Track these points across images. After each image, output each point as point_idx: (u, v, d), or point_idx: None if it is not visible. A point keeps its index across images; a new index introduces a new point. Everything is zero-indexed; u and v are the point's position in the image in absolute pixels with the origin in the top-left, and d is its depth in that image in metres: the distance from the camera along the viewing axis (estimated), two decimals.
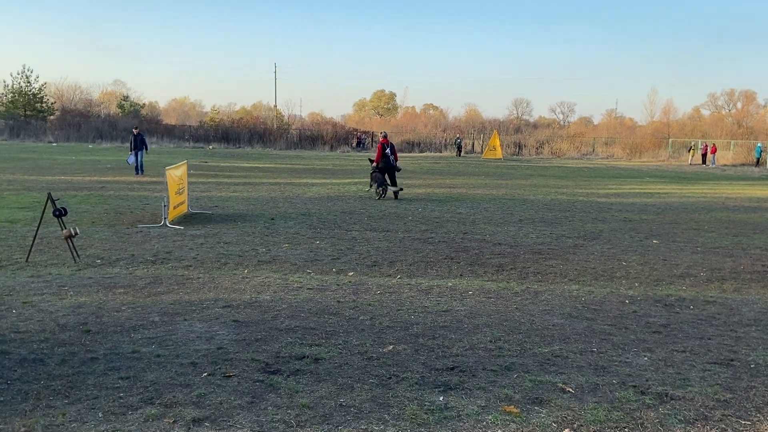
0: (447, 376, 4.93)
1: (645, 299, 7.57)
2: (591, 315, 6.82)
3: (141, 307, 6.61)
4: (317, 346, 5.56)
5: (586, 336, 6.08)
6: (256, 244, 10.43)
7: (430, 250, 10.27)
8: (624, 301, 7.47)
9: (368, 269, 8.81)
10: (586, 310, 7.00)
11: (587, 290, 7.94)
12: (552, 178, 28.47)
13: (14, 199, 15.31)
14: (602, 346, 5.80)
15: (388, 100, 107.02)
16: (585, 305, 7.22)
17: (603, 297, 7.62)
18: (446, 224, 13.15)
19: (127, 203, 15.11)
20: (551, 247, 10.81)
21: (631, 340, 6.01)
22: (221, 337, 5.76)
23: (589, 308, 7.09)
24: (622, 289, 8.03)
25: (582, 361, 5.38)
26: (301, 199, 17.24)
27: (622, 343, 5.91)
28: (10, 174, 22.14)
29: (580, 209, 16.49)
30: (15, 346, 5.33)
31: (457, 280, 8.28)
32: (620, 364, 5.31)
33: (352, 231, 11.96)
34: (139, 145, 23.91)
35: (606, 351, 5.66)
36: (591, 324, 6.49)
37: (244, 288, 7.57)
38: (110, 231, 11.21)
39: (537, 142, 59.67)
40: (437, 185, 22.98)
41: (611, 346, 5.81)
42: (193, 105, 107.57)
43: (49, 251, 9.33)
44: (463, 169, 33.48)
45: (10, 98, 62.09)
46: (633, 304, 7.31)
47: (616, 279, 8.62)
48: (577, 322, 6.56)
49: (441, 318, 6.53)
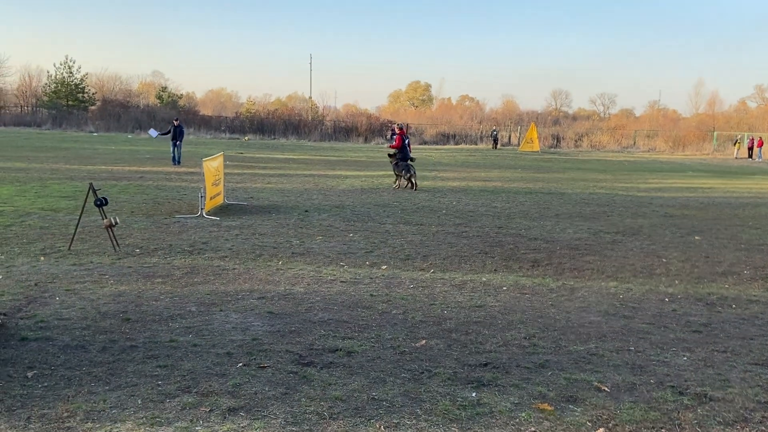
0: (480, 373, 4.91)
1: (685, 297, 7.42)
2: (629, 313, 6.72)
3: (178, 297, 6.72)
4: (350, 339, 5.59)
5: (624, 334, 6.00)
6: (290, 236, 10.51)
7: (464, 245, 10.22)
8: (663, 299, 7.34)
9: (401, 263, 8.81)
10: (624, 308, 6.90)
11: (625, 287, 7.81)
12: (591, 172, 28.07)
13: (57, 188, 15.68)
14: (640, 344, 5.71)
15: (423, 91, 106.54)
16: (623, 303, 7.11)
17: (642, 294, 7.50)
18: (481, 218, 13.07)
19: (164, 194, 15.36)
20: (588, 243, 10.67)
21: (670, 339, 5.90)
22: (256, 328, 5.82)
23: (627, 306, 6.99)
24: (662, 287, 7.88)
25: (618, 359, 5.30)
26: (334, 191, 17.31)
27: (661, 342, 5.81)
28: (53, 163, 22.68)
29: (619, 204, 16.23)
30: (58, 333, 5.47)
31: (492, 275, 8.23)
32: (658, 364, 5.23)
33: (386, 224, 11.97)
34: (178, 135, 24.22)
35: (644, 350, 5.57)
36: (629, 322, 6.39)
37: (279, 280, 7.64)
38: (149, 221, 11.41)
39: (576, 135, 58.85)
40: (472, 178, 22.84)
41: (649, 345, 5.72)
42: (229, 96, 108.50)
43: (90, 240, 9.54)
44: (499, 162, 33.22)
45: (53, 88, 63.52)
46: (673, 303, 7.18)
47: (655, 276, 8.47)
48: (614, 319, 6.47)
49: (474, 313, 6.50)
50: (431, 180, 21.45)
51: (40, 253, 8.58)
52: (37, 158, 24.62)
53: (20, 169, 19.85)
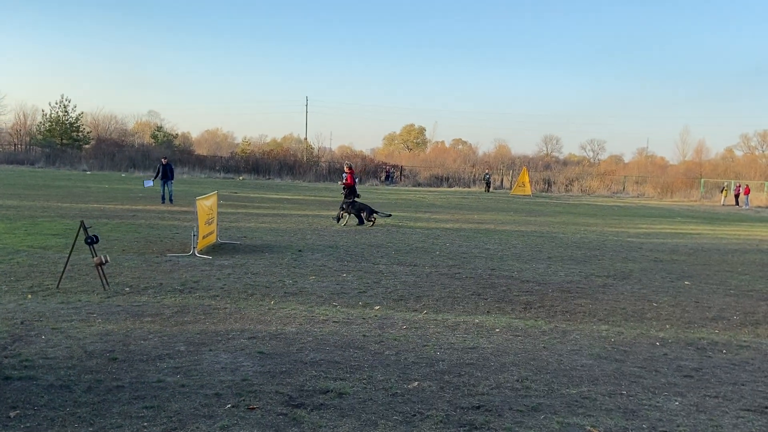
0: (472, 415, 4.85)
1: (676, 342, 7.40)
2: (620, 356, 6.68)
3: (167, 336, 6.65)
4: (342, 381, 5.52)
5: (616, 378, 5.95)
6: (282, 275, 10.46)
7: (457, 286, 10.20)
8: (655, 343, 7.31)
9: (394, 303, 8.77)
10: (616, 352, 6.86)
11: (617, 331, 7.79)
12: (581, 216, 28.22)
13: (48, 225, 15.62)
14: (632, 388, 5.67)
15: (417, 134, 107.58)
16: (614, 346, 7.08)
17: (633, 338, 7.47)
18: (474, 260, 13.06)
19: (157, 232, 15.31)
20: (580, 286, 10.66)
21: (661, 383, 5.86)
22: (246, 368, 5.75)
23: (618, 349, 6.95)
24: (653, 331, 7.86)
25: (611, 403, 5.26)
26: (328, 231, 17.30)
27: (653, 386, 5.76)
28: (45, 201, 22.63)
29: (610, 248, 16.28)
30: (43, 372, 5.39)
31: (484, 317, 8.19)
32: (650, 408, 5.18)
33: (379, 264, 11.94)
34: (168, 174, 24.31)
35: (636, 394, 5.52)
36: (620, 366, 6.35)
37: (270, 319, 7.58)
38: (140, 259, 11.35)
39: (566, 179, 59.42)
40: (465, 220, 22.91)
41: (641, 389, 5.67)
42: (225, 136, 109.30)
43: (79, 278, 9.46)
44: (491, 205, 33.38)
45: (48, 127, 63.86)
46: (664, 347, 7.15)
47: (646, 320, 8.46)
48: (606, 363, 6.43)
49: (467, 355, 6.45)
50: (425, 221, 21.50)
51: (27, 291, 8.50)
52: (28, 196, 24.58)
53: (11, 207, 19.78)
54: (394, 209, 26.54)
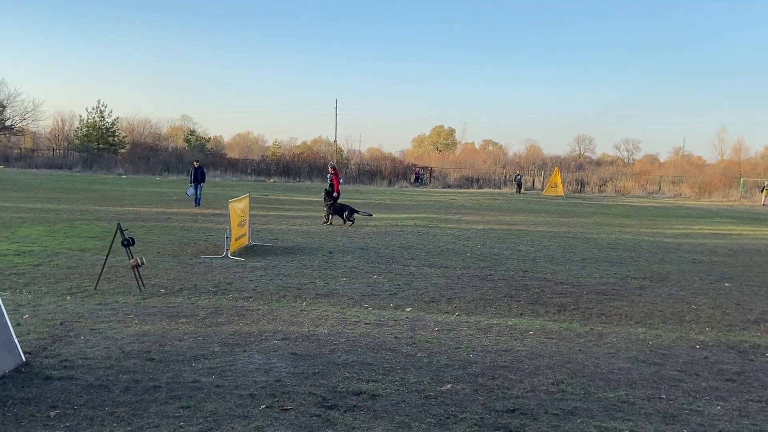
0: (507, 419, 4.79)
1: (717, 345, 7.23)
2: (659, 360, 6.55)
3: (202, 337, 6.71)
4: (374, 382, 5.51)
5: (654, 382, 5.84)
6: (314, 277, 10.49)
7: (489, 288, 10.12)
8: (694, 346, 7.15)
9: (426, 305, 8.73)
10: (654, 355, 6.73)
11: (654, 334, 7.64)
12: (616, 217, 27.82)
13: (85, 228, 15.91)
14: (671, 392, 5.55)
15: (447, 135, 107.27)
16: (652, 349, 6.94)
17: (672, 341, 7.32)
18: (506, 261, 12.96)
19: (190, 234, 15.49)
20: (616, 288, 10.50)
21: (702, 387, 5.73)
22: (279, 369, 5.77)
23: (656, 353, 6.82)
24: (692, 334, 7.70)
25: (650, 408, 5.15)
26: (358, 233, 17.32)
27: (693, 390, 5.64)
28: (83, 204, 23.07)
29: (646, 249, 16.01)
30: (82, 372, 5.47)
31: (517, 320, 8.11)
32: (691, 413, 5.06)
33: (410, 266, 11.91)
34: (199, 177, 24.60)
35: (676, 398, 5.41)
36: (659, 369, 6.23)
37: (302, 321, 7.60)
38: (174, 261, 11.49)
39: (600, 180, 58.59)
40: (496, 222, 22.75)
41: (681, 393, 5.55)
42: (255, 139, 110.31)
43: (116, 280, 9.61)
44: (523, 206, 33.10)
45: (85, 132, 65.15)
46: (704, 350, 6.99)
47: (685, 323, 8.29)
48: (644, 366, 6.31)
49: (501, 358, 6.39)
50: (455, 223, 21.40)
51: (66, 293, 8.66)
52: (66, 200, 25.09)
53: (50, 210, 20.22)
54: (424, 211, 26.51)
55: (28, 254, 11.57)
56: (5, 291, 8.52)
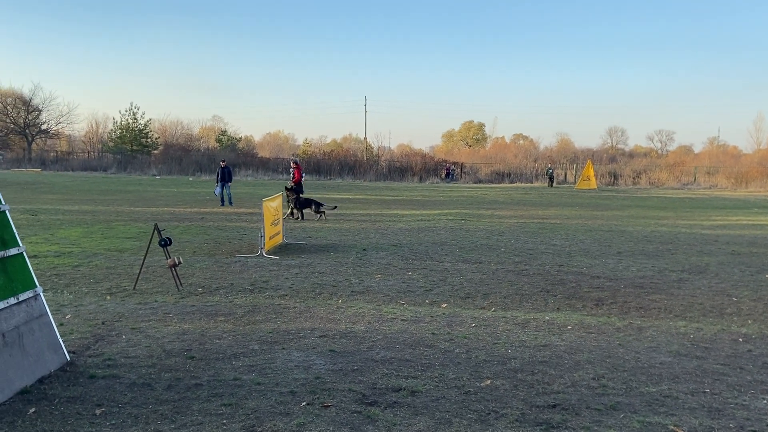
0: (549, 414, 4.75)
1: (761, 337, 7.08)
2: (701, 353, 6.44)
3: (241, 335, 6.78)
4: (413, 379, 5.51)
5: (697, 375, 5.74)
6: (349, 274, 10.52)
7: (525, 283, 10.04)
8: (737, 339, 7.01)
9: (461, 301, 8.70)
10: (696, 348, 6.61)
11: (695, 327, 7.50)
12: (651, 209, 27.39)
13: (122, 229, 16.19)
14: (715, 386, 5.45)
15: (476, 130, 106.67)
16: (694, 343, 6.82)
17: (713, 334, 7.19)
18: (540, 256, 12.84)
19: (225, 234, 15.66)
20: (654, 281, 10.33)
21: (747, 381, 5.61)
22: (318, 366, 5.80)
23: (698, 346, 6.70)
24: (734, 327, 7.54)
25: (694, 402, 5.06)
26: (391, 230, 17.33)
27: (738, 384, 5.53)
28: (118, 205, 23.47)
29: (683, 241, 15.73)
30: (125, 371, 5.57)
31: (555, 314, 8.03)
32: (736, 407, 4.96)
33: (444, 262, 11.88)
34: (226, 177, 24.79)
35: (720, 392, 5.31)
36: (702, 363, 6.12)
37: (339, 318, 7.63)
38: (210, 260, 11.63)
39: (633, 172, 57.67)
40: (529, 216, 22.56)
41: (725, 387, 5.45)
42: (286, 138, 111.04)
43: (154, 279, 9.76)
44: (555, 200, 32.78)
45: (119, 134, 66.32)
46: (747, 343, 6.85)
47: (726, 315, 8.12)
48: (686, 360, 6.21)
49: (539, 353, 6.33)
50: (488, 218, 21.28)
51: (106, 293, 8.82)
52: (103, 201, 25.55)
53: (87, 212, 20.62)
54: (456, 206, 26.42)
55: (67, 255, 11.81)
56: (47, 292, 8.71)
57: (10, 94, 71.43)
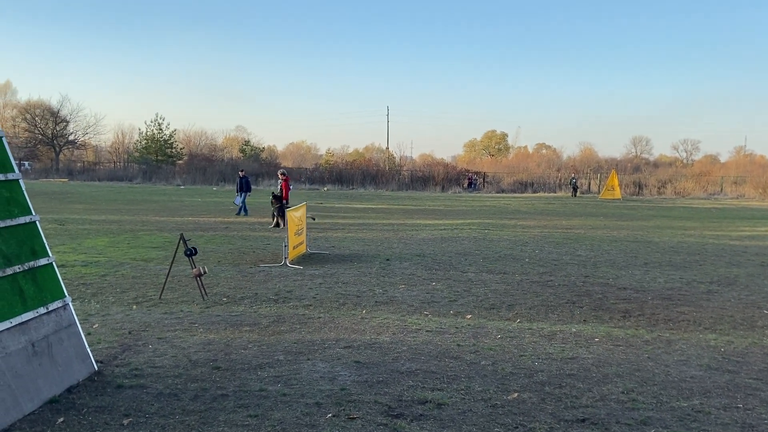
0: (577, 429, 4.68)
1: None
2: (733, 367, 6.31)
3: (266, 346, 6.79)
4: (439, 391, 5.46)
5: (729, 390, 5.62)
6: (372, 284, 10.51)
7: (550, 294, 9.95)
8: None
9: (486, 312, 8.63)
10: (727, 362, 6.48)
11: (726, 340, 7.37)
12: (677, 219, 27.04)
13: (148, 238, 16.35)
14: (749, 402, 5.33)
15: (499, 140, 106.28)
16: (725, 356, 6.69)
17: (745, 348, 7.05)
18: (565, 267, 12.72)
19: (249, 243, 15.74)
20: (682, 293, 10.18)
21: None
22: (344, 377, 5.78)
23: (730, 360, 6.57)
24: (766, 340, 7.39)
25: (727, 417, 4.96)
26: (414, 239, 17.29)
27: None
28: (144, 215, 23.72)
29: (711, 252, 15.48)
30: (152, 381, 5.60)
31: (581, 326, 7.94)
32: None
33: (468, 272, 11.81)
34: (244, 187, 24.97)
35: (753, 407, 5.19)
36: (734, 377, 5.99)
37: (364, 329, 7.61)
38: (235, 270, 11.69)
39: (659, 182, 56.99)
40: (553, 226, 22.38)
41: (759, 402, 5.33)
42: (308, 148, 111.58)
43: (179, 289, 9.83)
44: (579, 210, 32.50)
45: (144, 144, 67.19)
46: None
47: (758, 328, 7.96)
48: (717, 374, 6.09)
49: (567, 366, 6.25)
50: (511, 228, 21.15)
51: (132, 302, 8.90)
52: (128, 211, 25.85)
53: (113, 222, 20.86)
54: (479, 216, 26.31)
55: (94, 265, 11.94)
56: (75, 301, 8.80)
57: (39, 106, 72.78)
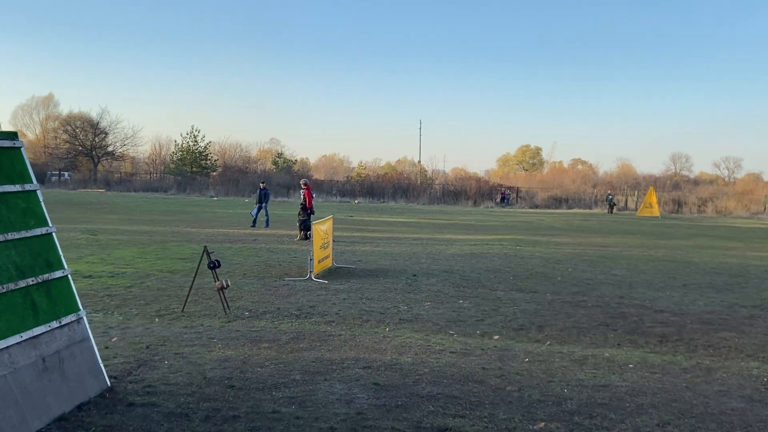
0: None
1: None
2: None
3: (283, 364, 6.57)
4: (461, 418, 5.17)
5: None
6: (397, 301, 10.25)
7: (582, 315, 9.57)
8: None
9: (515, 333, 8.31)
10: None
11: None
12: (718, 239, 26.22)
13: (176, 249, 16.34)
14: None
15: (533, 154, 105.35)
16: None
17: None
18: (599, 287, 12.29)
19: (276, 256, 15.62)
20: (723, 317, 9.70)
21: None
22: (361, 401, 5.53)
23: None
24: None
25: None
26: (443, 255, 16.99)
27: None
28: (175, 226, 23.85)
29: (754, 274, 14.87)
30: (164, 399, 5.42)
31: (615, 351, 7.56)
32: None
33: (497, 290, 11.48)
34: (263, 198, 24.97)
35: None
36: None
37: (385, 348, 7.35)
38: (259, 283, 11.54)
39: (699, 200, 55.64)
40: (588, 244, 21.85)
41: None
42: (341, 161, 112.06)
43: (202, 302, 9.70)
44: (616, 227, 31.80)
45: (179, 156, 68.12)
46: None
47: None
48: (760, 407, 5.69)
49: (598, 394, 5.90)
50: (544, 245, 20.70)
51: (155, 315, 8.78)
52: (161, 221, 26.05)
53: (145, 232, 20.99)
54: (511, 232, 25.88)
55: (121, 276, 11.92)
56: (98, 312, 8.73)
57: (80, 118, 74.46)
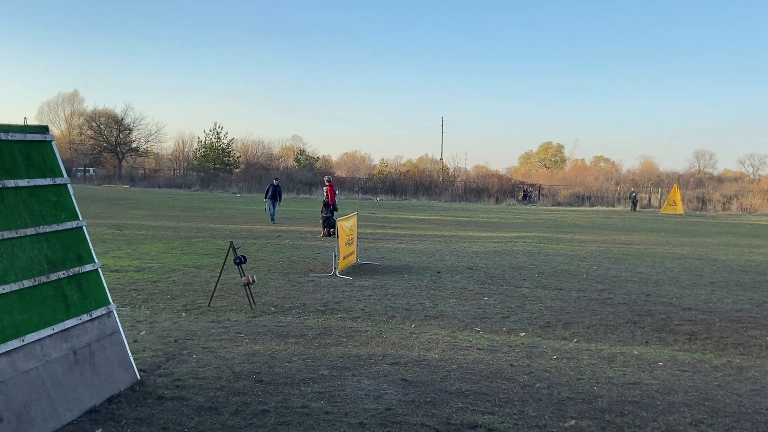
0: None
1: None
2: None
3: (311, 359, 6.59)
4: (490, 414, 5.14)
5: None
6: (422, 297, 10.23)
7: (609, 312, 9.47)
8: None
9: (541, 330, 8.25)
10: None
11: None
12: (744, 237, 25.83)
13: (201, 245, 16.46)
14: None
15: (555, 152, 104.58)
16: None
17: None
18: (625, 284, 12.17)
19: (300, 252, 15.67)
20: (752, 315, 9.55)
21: None
22: (389, 396, 5.52)
23: None
24: None
25: None
26: (467, 252, 16.92)
27: None
28: (199, 222, 24.02)
29: None
30: (193, 393, 5.45)
31: (643, 348, 7.47)
32: None
33: (522, 287, 11.41)
34: (276, 195, 25.05)
35: None
36: None
37: (412, 344, 7.34)
38: (284, 279, 11.58)
39: (723, 197, 54.84)
40: (612, 241, 21.64)
41: None
42: (362, 158, 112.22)
43: (228, 297, 9.76)
44: (639, 225, 31.46)
45: (203, 153, 68.59)
46: None
47: None
48: None
49: (629, 392, 5.84)
50: (568, 242, 20.54)
51: (182, 309, 8.85)
52: (185, 217, 26.26)
53: (169, 228, 21.17)
54: (534, 229, 25.71)
55: (147, 270, 12.03)
56: (125, 307, 8.82)
57: (104, 114, 75.26)
